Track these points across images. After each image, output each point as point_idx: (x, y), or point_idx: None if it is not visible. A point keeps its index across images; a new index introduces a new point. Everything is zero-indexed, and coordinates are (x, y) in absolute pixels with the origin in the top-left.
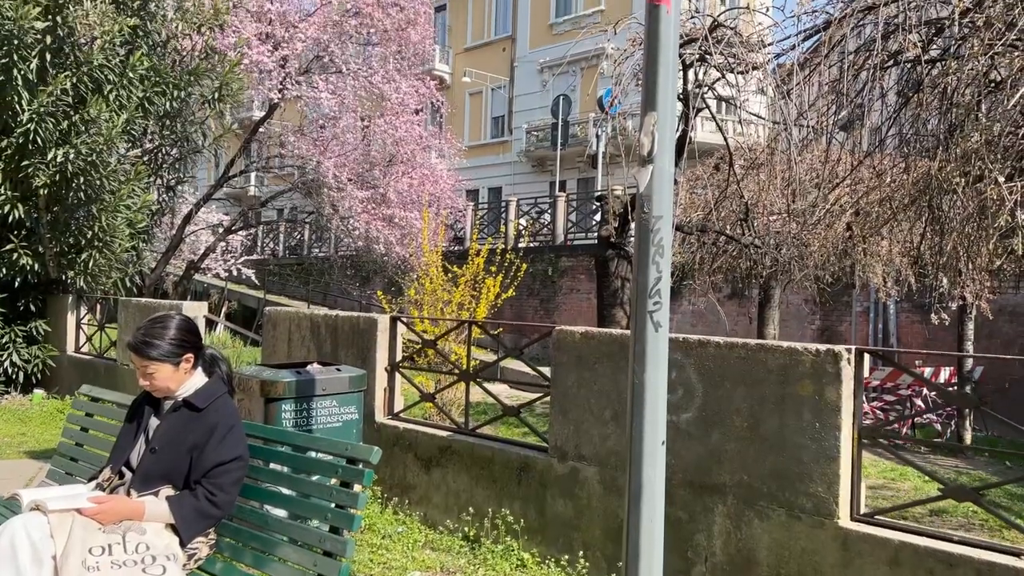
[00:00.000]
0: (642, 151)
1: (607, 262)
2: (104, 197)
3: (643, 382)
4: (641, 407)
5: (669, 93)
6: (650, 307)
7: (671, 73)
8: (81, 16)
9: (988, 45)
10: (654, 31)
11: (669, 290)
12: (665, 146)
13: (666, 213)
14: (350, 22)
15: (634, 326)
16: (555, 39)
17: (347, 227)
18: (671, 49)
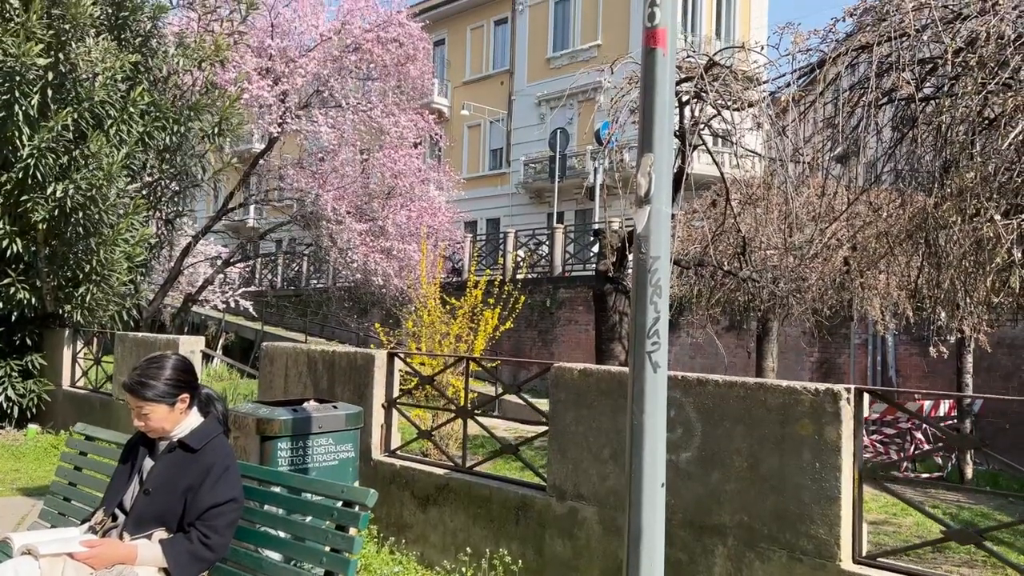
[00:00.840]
0: (639, 192)
1: (605, 296)
2: (103, 231)
3: (642, 424)
4: (640, 449)
5: (665, 135)
6: (648, 347)
7: (667, 116)
8: (84, 53)
9: (981, 84)
10: (650, 74)
11: (667, 329)
12: (662, 187)
13: (663, 254)
14: (350, 57)
15: (632, 367)
16: (552, 73)
17: (345, 259)
18: (667, 92)
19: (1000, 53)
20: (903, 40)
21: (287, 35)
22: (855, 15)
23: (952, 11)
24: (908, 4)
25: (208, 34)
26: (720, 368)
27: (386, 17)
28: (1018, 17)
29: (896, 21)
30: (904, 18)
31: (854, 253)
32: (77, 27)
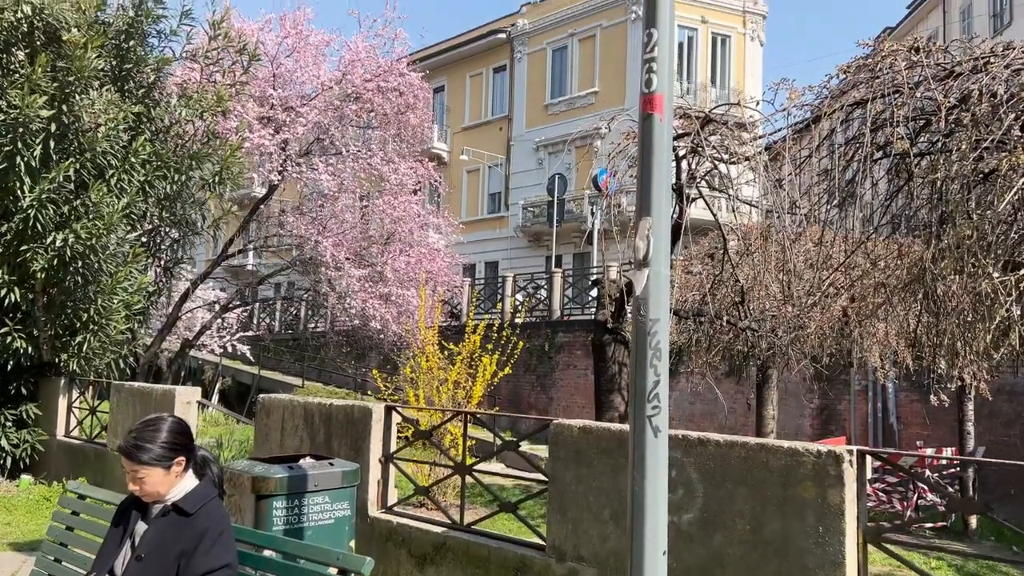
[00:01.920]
0: (637, 255)
1: (604, 347)
2: (101, 279)
3: (643, 490)
4: (641, 515)
5: (663, 199)
6: (649, 411)
7: (665, 179)
8: (87, 105)
9: (976, 142)
10: (648, 139)
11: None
12: (661, 250)
13: (663, 316)
14: (350, 106)
15: (633, 431)
16: (550, 119)
17: (344, 305)
18: (664, 156)
19: (994, 112)
20: (896, 96)
21: (288, 84)
22: (849, 72)
23: (944, 68)
24: (901, 62)
25: (210, 85)
26: (720, 415)
27: (386, 67)
28: (1010, 76)
29: (889, 78)
30: (897, 75)
31: (853, 304)
32: (81, 79)
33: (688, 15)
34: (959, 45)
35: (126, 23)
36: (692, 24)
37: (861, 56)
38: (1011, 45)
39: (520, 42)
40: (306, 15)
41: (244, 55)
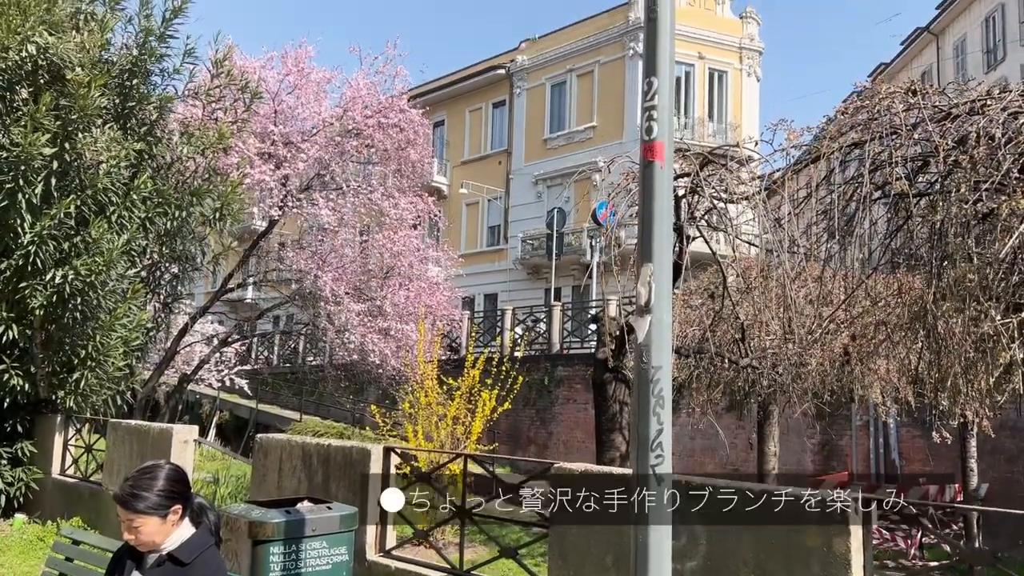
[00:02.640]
0: (639, 301)
1: (605, 385)
2: (100, 316)
3: (646, 537)
4: (645, 563)
5: (665, 245)
6: (652, 460)
7: (666, 226)
8: (89, 142)
9: (975, 184)
10: (648, 186)
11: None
12: (662, 297)
13: (665, 363)
14: (351, 142)
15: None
16: (549, 153)
17: (342, 340)
18: (665, 203)
19: (992, 155)
20: (894, 137)
21: (290, 120)
22: (847, 113)
23: (941, 110)
24: (898, 104)
25: (212, 122)
26: (721, 450)
27: (387, 103)
28: (1007, 119)
29: (887, 120)
30: (895, 117)
31: (854, 342)
32: (84, 117)
33: (685, 51)
34: (955, 87)
35: (130, 62)
36: (689, 60)
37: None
38: (1007, 88)
39: (519, 78)
40: (307, 53)
41: (246, 93)
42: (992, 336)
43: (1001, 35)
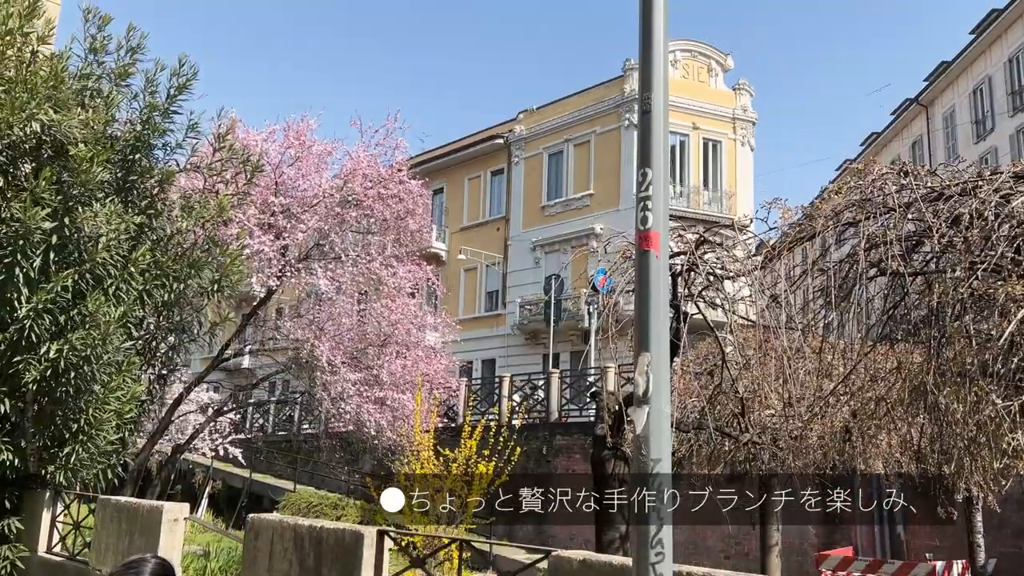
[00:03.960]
0: (637, 391)
1: (604, 463)
2: (94, 389)
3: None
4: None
5: (662, 334)
6: (652, 558)
7: (663, 315)
8: (90, 216)
9: (970, 265)
10: (644, 275)
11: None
12: (660, 387)
13: (665, 456)
14: (351, 213)
15: None
16: (547, 220)
17: (338, 410)
18: (661, 293)
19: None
20: (888, 217)
21: (290, 191)
22: (840, 192)
23: (934, 190)
24: (891, 185)
25: (213, 195)
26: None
27: (387, 174)
28: (999, 201)
29: (880, 200)
30: (888, 198)
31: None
32: (86, 192)
33: (679, 121)
34: (946, 168)
35: (133, 137)
36: (683, 130)
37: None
38: (998, 170)
39: (517, 147)
40: (309, 126)
41: (248, 166)
42: (994, 419)
43: (989, 106)
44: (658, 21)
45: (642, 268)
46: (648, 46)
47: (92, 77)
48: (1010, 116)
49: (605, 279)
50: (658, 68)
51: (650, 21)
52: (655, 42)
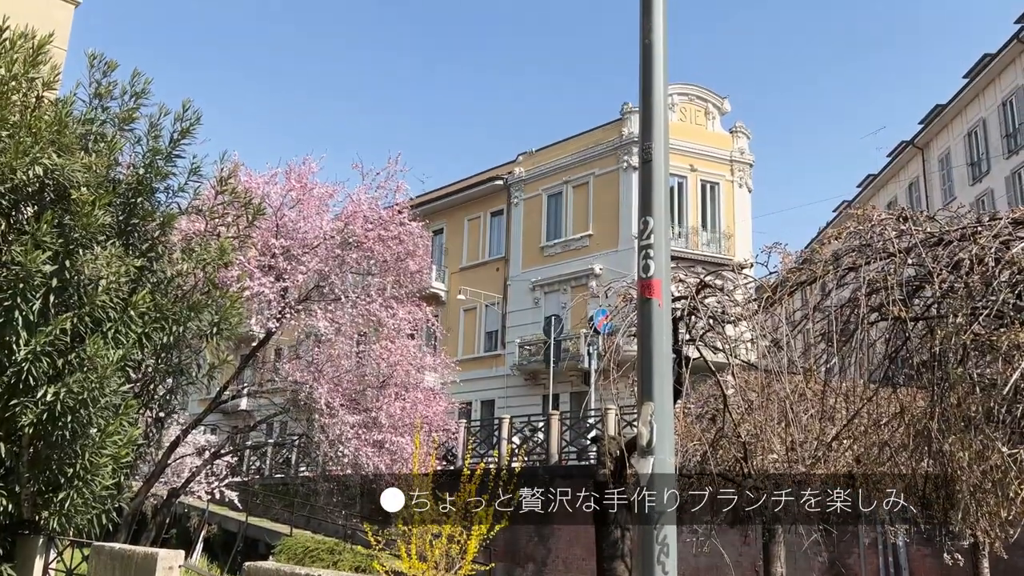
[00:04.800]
0: (641, 441)
1: (606, 509)
2: (90, 433)
3: None
4: None
5: (665, 384)
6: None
7: (666, 365)
8: (90, 260)
9: (972, 311)
10: (647, 324)
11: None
12: (665, 437)
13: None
14: (351, 254)
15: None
16: (547, 260)
17: (336, 453)
18: (664, 342)
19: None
20: (888, 262)
21: (291, 234)
22: (840, 237)
23: (933, 235)
24: (891, 231)
25: (214, 238)
26: (725, 569)
27: (388, 217)
28: (999, 247)
29: (880, 246)
30: (888, 244)
31: (859, 464)
32: (87, 235)
33: (677, 163)
34: (944, 214)
35: (135, 180)
36: (681, 172)
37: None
38: (997, 215)
39: (517, 188)
40: (311, 169)
41: (249, 209)
42: (1000, 467)
43: (984, 149)
44: (658, 73)
45: (644, 316)
46: (648, 97)
47: (96, 122)
48: (1005, 158)
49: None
50: (658, 119)
51: (650, 74)
52: (655, 92)
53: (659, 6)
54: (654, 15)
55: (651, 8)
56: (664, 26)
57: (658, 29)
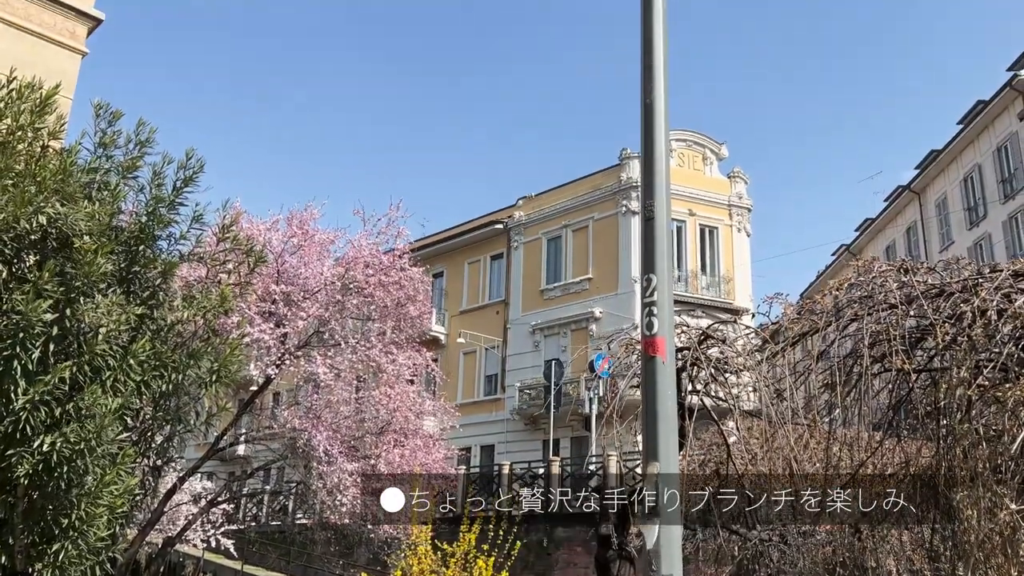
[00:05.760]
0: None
1: (608, 565)
2: (86, 482)
3: None
4: None
5: (671, 443)
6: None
7: (671, 424)
8: (91, 308)
9: (976, 365)
10: (651, 382)
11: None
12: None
13: (676, 571)
14: (351, 300)
15: None
16: (546, 303)
17: (334, 502)
18: (669, 400)
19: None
20: (890, 313)
21: (292, 279)
22: (841, 290)
23: (934, 286)
24: (892, 283)
25: (215, 285)
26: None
27: (388, 262)
28: (1000, 299)
29: (882, 297)
30: (889, 295)
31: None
32: (89, 283)
33: (676, 208)
34: (944, 266)
35: (138, 228)
36: (680, 216)
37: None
38: (998, 267)
39: (517, 232)
40: (312, 215)
41: (251, 256)
42: (1009, 524)
43: (980, 193)
44: (659, 133)
45: (648, 373)
46: (650, 155)
47: (100, 170)
48: (1002, 203)
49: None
50: (660, 177)
51: (651, 133)
52: (656, 151)
53: (660, 67)
54: (655, 76)
55: (652, 69)
56: (665, 85)
57: (659, 89)
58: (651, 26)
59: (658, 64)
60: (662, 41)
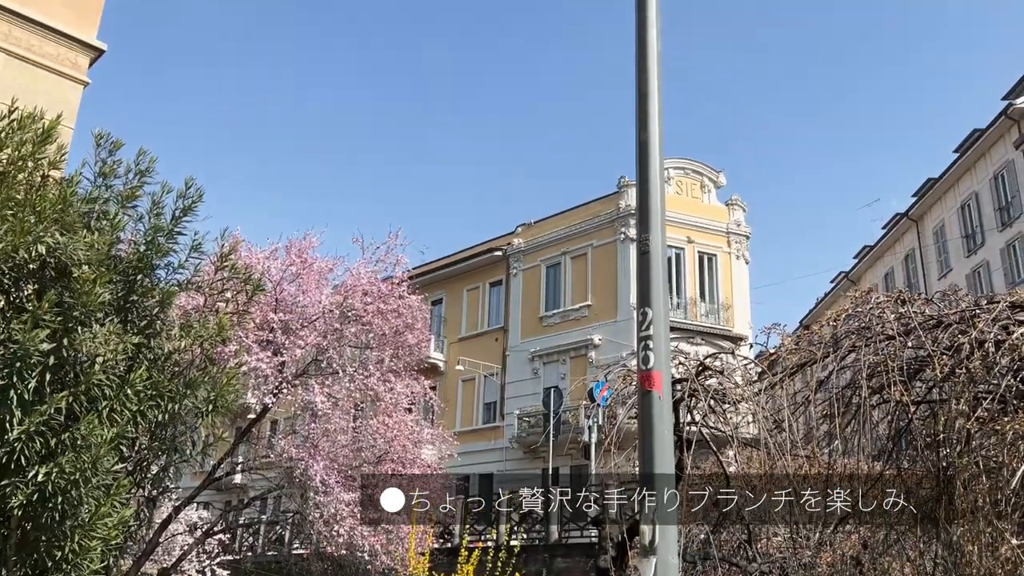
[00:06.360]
0: (643, 540)
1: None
2: (81, 513)
3: None
4: None
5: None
6: None
7: (668, 460)
8: (88, 338)
9: (975, 398)
10: (648, 417)
11: None
12: (668, 538)
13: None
14: (350, 328)
15: None
16: (545, 331)
17: (330, 533)
18: (666, 435)
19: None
20: (888, 345)
21: (290, 308)
22: (839, 320)
23: (932, 318)
24: (889, 314)
25: (213, 314)
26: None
27: (387, 290)
28: (998, 331)
29: (879, 329)
30: (887, 326)
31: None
32: (86, 313)
33: (674, 235)
34: (941, 297)
35: (136, 258)
36: (679, 244)
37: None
38: (995, 298)
39: (515, 259)
40: (311, 244)
41: (249, 284)
42: (1010, 559)
43: (978, 221)
44: (654, 168)
45: (645, 408)
46: (645, 189)
47: (100, 200)
48: (999, 231)
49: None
50: (655, 211)
51: (646, 168)
52: (651, 186)
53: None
54: (650, 112)
55: (647, 106)
56: (660, 119)
57: (654, 125)
58: (645, 61)
59: (653, 97)
60: (656, 77)
